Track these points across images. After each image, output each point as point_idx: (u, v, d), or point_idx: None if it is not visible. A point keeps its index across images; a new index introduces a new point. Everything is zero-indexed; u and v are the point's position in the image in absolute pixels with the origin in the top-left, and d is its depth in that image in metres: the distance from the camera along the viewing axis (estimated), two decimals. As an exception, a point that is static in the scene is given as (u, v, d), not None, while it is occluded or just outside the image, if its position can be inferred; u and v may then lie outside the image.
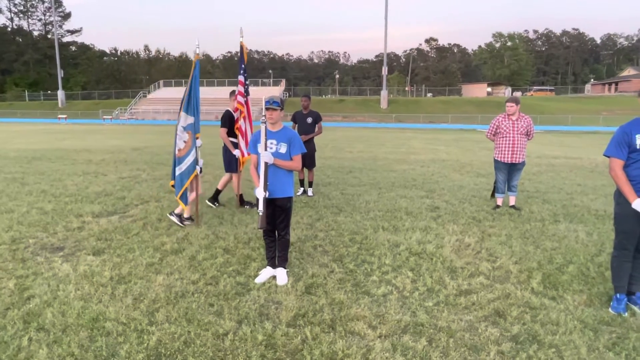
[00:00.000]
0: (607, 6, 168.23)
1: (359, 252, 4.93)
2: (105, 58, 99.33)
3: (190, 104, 5.64)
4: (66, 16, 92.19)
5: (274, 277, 4.15)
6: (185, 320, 3.35)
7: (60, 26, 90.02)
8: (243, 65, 6.53)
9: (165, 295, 3.75)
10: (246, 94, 6.62)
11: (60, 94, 66.66)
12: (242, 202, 7.01)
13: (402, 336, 3.17)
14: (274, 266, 4.24)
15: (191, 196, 5.89)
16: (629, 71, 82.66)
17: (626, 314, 3.51)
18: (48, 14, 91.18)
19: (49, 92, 74.48)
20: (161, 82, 71.78)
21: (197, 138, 5.68)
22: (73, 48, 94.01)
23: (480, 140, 23.04)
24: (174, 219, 5.94)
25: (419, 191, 8.51)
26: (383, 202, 7.51)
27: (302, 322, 3.34)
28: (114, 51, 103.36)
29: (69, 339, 3.06)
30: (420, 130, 36.20)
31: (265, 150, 3.93)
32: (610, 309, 3.58)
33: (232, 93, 6.75)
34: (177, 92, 67.16)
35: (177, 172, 5.69)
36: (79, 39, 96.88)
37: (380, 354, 2.94)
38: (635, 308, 3.58)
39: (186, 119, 5.64)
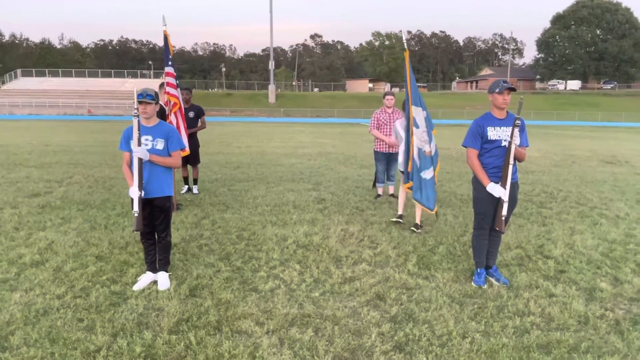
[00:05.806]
0: (467, 12, 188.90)
1: (247, 249, 4.85)
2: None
3: (420, 98, 5.31)
4: None
5: (155, 283, 3.89)
6: (48, 340, 2.97)
7: None
8: (170, 56, 6.26)
9: (23, 315, 3.28)
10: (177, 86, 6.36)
11: None
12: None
13: (290, 329, 3.19)
14: (154, 271, 3.97)
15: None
16: (486, 71, 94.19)
17: (485, 285, 3.97)
18: None
19: None
20: (19, 71, 63.08)
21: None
22: None
23: (364, 134, 24.30)
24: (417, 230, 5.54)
25: (306, 184, 8.68)
26: (271, 196, 7.51)
27: (186, 327, 3.18)
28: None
29: None
30: (307, 124, 37.00)
31: (139, 146, 3.64)
32: (472, 283, 4.02)
33: (161, 86, 6.44)
34: (39, 83, 59.72)
35: (428, 175, 5.28)
36: None
37: (267, 350, 2.92)
38: (492, 280, 4.07)
39: (423, 114, 5.28)
